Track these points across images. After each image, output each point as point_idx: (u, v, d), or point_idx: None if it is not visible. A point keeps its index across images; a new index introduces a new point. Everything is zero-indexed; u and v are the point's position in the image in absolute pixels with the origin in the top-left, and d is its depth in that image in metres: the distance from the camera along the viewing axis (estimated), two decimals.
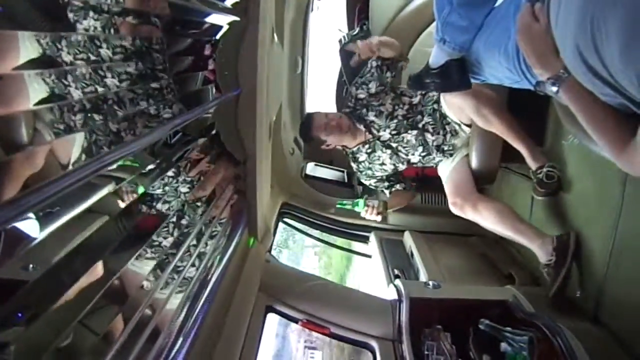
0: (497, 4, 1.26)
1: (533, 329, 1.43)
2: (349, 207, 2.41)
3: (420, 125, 2.28)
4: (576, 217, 1.85)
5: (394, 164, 2.42)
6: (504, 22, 1.17)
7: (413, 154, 2.34)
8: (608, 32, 0.70)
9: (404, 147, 2.34)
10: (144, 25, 1.06)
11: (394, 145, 2.35)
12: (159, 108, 1.12)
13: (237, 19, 1.43)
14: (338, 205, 2.54)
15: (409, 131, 2.29)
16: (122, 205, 0.93)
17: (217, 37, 1.43)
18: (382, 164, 2.43)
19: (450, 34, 1.33)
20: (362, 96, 2.42)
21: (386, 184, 2.51)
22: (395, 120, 2.31)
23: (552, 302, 1.73)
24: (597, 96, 0.88)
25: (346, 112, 2.48)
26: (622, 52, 0.69)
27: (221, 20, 1.41)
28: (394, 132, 2.32)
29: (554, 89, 0.97)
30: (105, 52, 0.92)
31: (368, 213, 2.39)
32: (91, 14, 0.85)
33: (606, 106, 0.88)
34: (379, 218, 2.41)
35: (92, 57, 0.89)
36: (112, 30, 0.92)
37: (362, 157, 2.46)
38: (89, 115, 0.85)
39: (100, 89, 0.90)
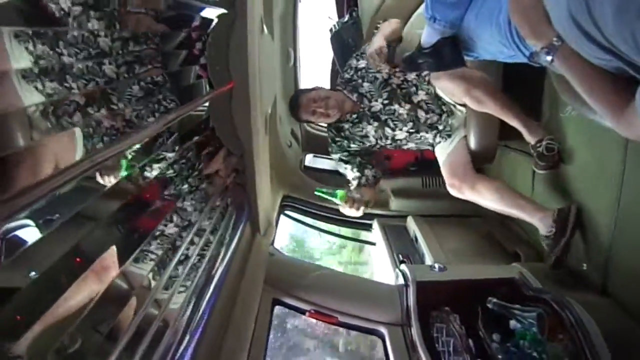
0: None
1: (541, 305, 1.42)
2: (327, 195, 2.15)
3: (415, 101, 2.24)
4: (578, 190, 1.84)
5: (376, 140, 2.35)
6: None
7: (401, 129, 2.29)
8: None
9: (393, 121, 2.29)
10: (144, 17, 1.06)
11: (383, 117, 2.30)
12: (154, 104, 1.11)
13: (225, 11, 1.41)
14: (316, 192, 2.21)
15: (402, 104, 2.25)
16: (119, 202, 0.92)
17: (208, 31, 1.41)
18: (365, 136, 2.35)
19: (440, 11, 1.31)
20: (362, 65, 2.36)
21: (357, 160, 2.37)
22: (388, 88, 2.27)
23: (551, 273, 1.73)
24: (592, 62, 0.86)
25: (341, 82, 2.41)
26: (615, 13, 0.67)
27: (210, 13, 1.39)
28: (385, 102, 2.27)
29: (549, 58, 0.95)
30: (104, 41, 0.91)
31: (348, 207, 2.13)
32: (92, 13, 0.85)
33: (602, 71, 0.86)
34: (359, 213, 2.16)
35: (92, 51, 0.88)
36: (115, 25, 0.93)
37: (346, 125, 2.36)
38: (87, 112, 0.84)
39: (100, 80, 0.90)
